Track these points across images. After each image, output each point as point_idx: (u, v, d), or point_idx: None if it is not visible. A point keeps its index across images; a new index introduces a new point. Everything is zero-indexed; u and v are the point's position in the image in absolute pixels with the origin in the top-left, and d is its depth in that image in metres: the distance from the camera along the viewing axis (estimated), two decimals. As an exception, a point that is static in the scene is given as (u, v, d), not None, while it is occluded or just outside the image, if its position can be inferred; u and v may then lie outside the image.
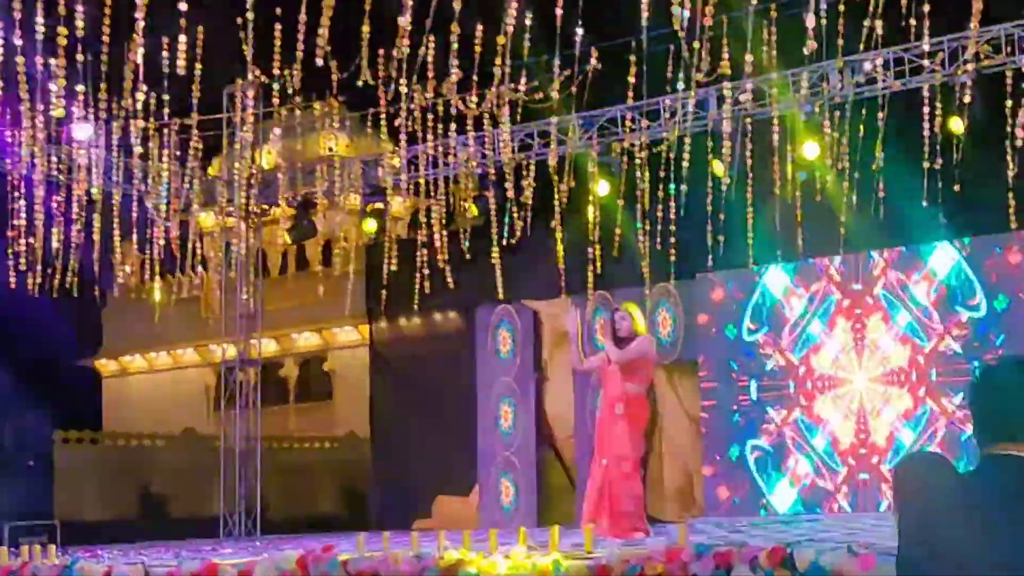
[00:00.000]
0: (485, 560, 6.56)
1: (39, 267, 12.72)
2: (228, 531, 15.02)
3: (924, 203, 11.11)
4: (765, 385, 13.21)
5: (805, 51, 9.81)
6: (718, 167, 11.94)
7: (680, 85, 11.28)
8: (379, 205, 14.93)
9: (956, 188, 10.95)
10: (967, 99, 10.99)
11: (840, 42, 10.47)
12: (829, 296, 13.05)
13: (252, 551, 9.35)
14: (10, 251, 12.61)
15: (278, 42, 10.26)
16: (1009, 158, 10.68)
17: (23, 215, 12.67)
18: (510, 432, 14.63)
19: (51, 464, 14.98)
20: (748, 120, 12.20)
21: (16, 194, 12.61)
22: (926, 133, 11.10)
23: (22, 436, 14.54)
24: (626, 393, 9.21)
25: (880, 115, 11.21)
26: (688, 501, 13.66)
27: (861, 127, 11.36)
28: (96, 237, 13.02)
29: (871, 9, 9.87)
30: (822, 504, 12.69)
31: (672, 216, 12.16)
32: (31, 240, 12.63)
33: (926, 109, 11.15)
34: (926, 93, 11.23)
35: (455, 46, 9.91)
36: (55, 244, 12.76)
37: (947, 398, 12.28)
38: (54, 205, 12.75)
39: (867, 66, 11.48)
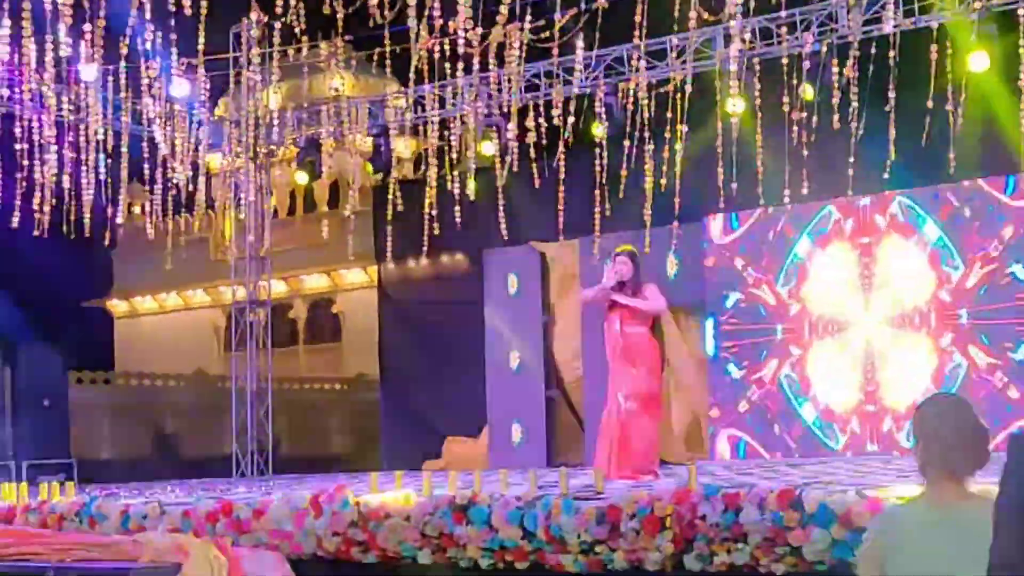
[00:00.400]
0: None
1: (49, 209, 12.74)
2: (240, 470, 15.18)
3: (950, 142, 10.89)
4: (759, 328, 13.11)
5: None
6: (734, 105, 11.86)
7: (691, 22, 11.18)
8: (382, 146, 14.87)
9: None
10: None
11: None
12: (825, 212, 12.69)
13: (265, 490, 9.48)
14: (19, 192, 12.62)
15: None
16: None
17: (33, 156, 12.67)
18: (519, 374, 14.72)
19: (66, 404, 15.11)
20: (756, 61, 12.12)
21: (25, 135, 12.60)
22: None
23: (36, 377, 14.65)
24: (624, 334, 9.27)
25: (891, 53, 11.10)
26: (696, 443, 13.77)
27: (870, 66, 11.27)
28: (105, 178, 13.04)
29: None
30: (834, 442, 12.62)
31: (678, 157, 12.12)
32: (41, 181, 12.64)
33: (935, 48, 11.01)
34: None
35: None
36: (65, 185, 12.78)
37: (983, 348, 11.71)
38: (64, 146, 12.74)
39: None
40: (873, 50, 11.02)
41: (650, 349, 9.46)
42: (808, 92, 11.51)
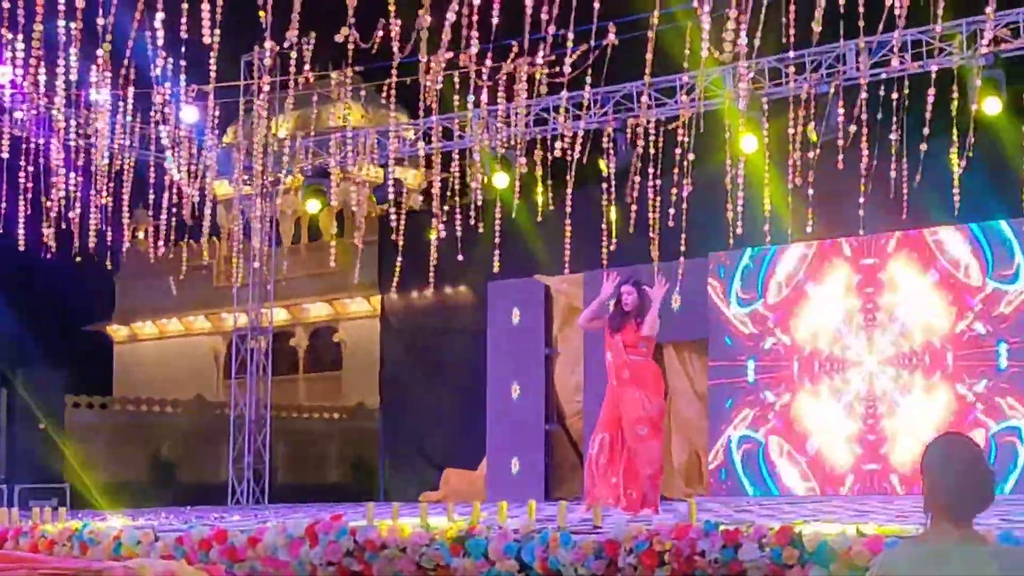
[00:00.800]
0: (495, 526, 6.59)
1: (54, 232, 12.74)
2: (236, 498, 15.11)
3: (954, 188, 10.96)
4: (763, 366, 13.15)
5: (816, 29, 9.73)
6: (747, 143, 11.87)
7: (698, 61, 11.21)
8: (391, 177, 14.89)
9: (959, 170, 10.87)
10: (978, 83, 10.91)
11: (861, 23, 10.37)
12: (837, 268, 12.88)
13: (260, 518, 9.40)
14: (25, 214, 12.63)
15: (296, 11, 10.22)
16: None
17: (39, 178, 12.70)
18: (519, 407, 14.66)
19: (62, 428, 15.05)
20: (765, 100, 12.15)
21: (33, 157, 12.63)
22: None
23: (33, 399, 14.60)
24: (630, 362, 9.26)
25: (895, 95, 11.12)
26: (695, 478, 13.70)
27: (879, 108, 11.30)
28: (110, 202, 13.06)
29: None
30: (830, 485, 12.63)
31: (685, 194, 12.12)
32: (48, 204, 12.65)
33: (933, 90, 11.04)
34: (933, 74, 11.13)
35: (474, 17, 9.86)
36: (70, 208, 12.79)
37: (966, 385, 12.07)
38: (72, 170, 12.76)
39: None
40: (881, 91, 11.06)
41: (655, 374, 9.47)
42: (812, 134, 11.55)
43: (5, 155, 12.37)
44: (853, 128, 11.14)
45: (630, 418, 9.18)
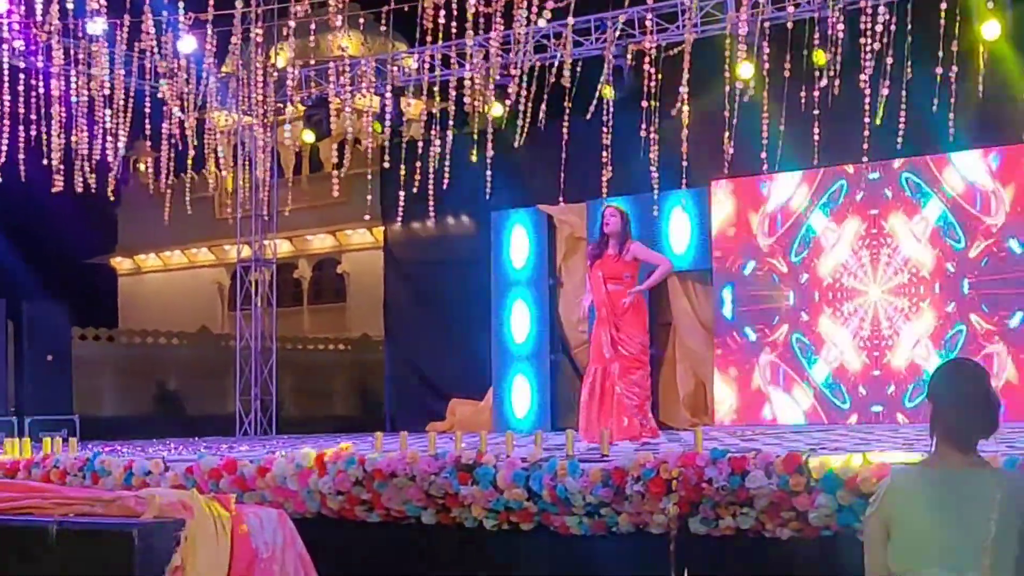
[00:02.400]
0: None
1: (56, 165, 12.69)
2: (243, 429, 15.21)
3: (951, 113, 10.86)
4: (781, 294, 13.16)
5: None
6: (744, 70, 11.75)
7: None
8: (390, 106, 14.78)
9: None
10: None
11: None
12: (838, 183, 12.72)
13: (269, 449, 9.47)
14: (26, 148, 12.56)
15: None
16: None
17: (38, 110, 12.61)
18: (524, 337, 14.70)
19: (69, 360, 15.11)
20: (766, 24, 12.00)
21: (32, 89, 12.53)
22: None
23: (40, 333, 14.64)
24: (608, 296, 9.23)
25: (893, 19, 10.96)
26: (700, 408, 13.78)
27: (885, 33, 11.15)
28: (111, 134, 12.98)
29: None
30: (837, 415, 12.67)
31: (686, 121, 12.03)
32: (48, 136, 12.58)
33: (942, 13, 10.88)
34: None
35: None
36: (71, 140, 12.73)
37: (982, 315, 11.94)
38: (70, 100, 12.67)
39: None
40: (888, 16, 10.90)
41: (637, 308, 9.43)
42: (820, 56, 11.41)
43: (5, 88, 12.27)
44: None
45: (614, 355, 9.21)
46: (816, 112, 11.16)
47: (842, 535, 5.58)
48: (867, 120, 10.71)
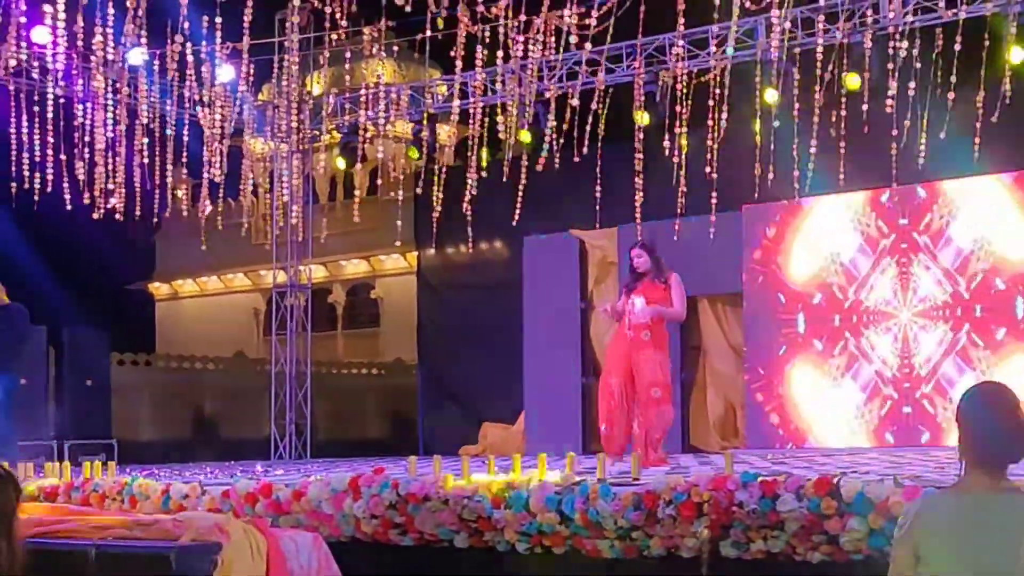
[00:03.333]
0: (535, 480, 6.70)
1: (97, 193, 12.89)
2: (278, 453, 15.33)
3: (976, 139, 10.89)
4: (811, 317, 13.18)
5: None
6: (769, 96, 11.81)
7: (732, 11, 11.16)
8: (425, 133, 14.94)
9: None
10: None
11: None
12: (875, 228, 12.89)
13: (304, 472, 9.57)
14: (66, 176, 12.77)
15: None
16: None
17: (78, 139, 12.82)
18: (556, 360, 14.75)
19: (108, 385, 15.29)
20: (796, 51, 12.06)
21: (74, 118, 12.75)
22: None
23: (80, 358, 14.84)
24: (650, 322, 9.29)
25: (913, 44, 10.99)
26: (730, 431, 13.77)
27: (916, 57, 11.19)
28: (149, 161, 13.19)
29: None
30: (869, 434, 12.67)
31: (717, 147, 12.08)
32: (90, 164, 12.78)
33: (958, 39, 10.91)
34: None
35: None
36: (110, 168, 12.93)
37: (989, 334, 12.12)
38: (111, 129, 12.88)
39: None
40: (918, 40, 10.95)
41: (667, 338, 9.56)
42: (852, 81, 11.46)
43: (48, 115, 12.50)
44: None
45: (646, 380, 9.25)
46: (845, 136, 11.20)
47: (873, 559, 5.58)
48: (894, 144, 10.76)
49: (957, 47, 10.60)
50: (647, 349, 9.30)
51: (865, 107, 11.18)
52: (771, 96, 11.73)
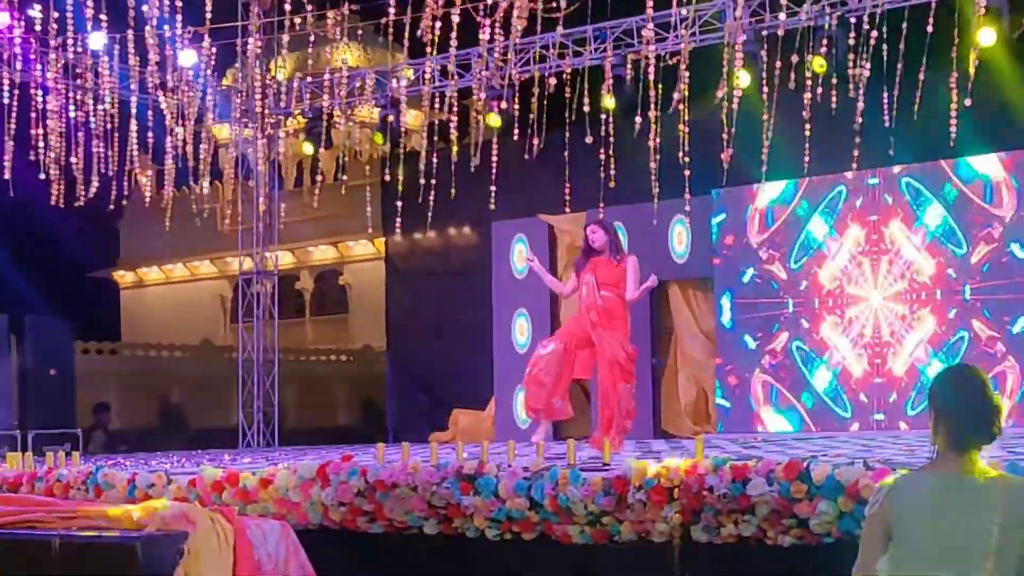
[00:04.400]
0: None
1: (58, 178, 12.73)
2: (247, 441, 15.22)
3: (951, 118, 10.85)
4: (770, 303, 13.13)
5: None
6: (742, 79, 11.78)
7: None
8: (391, 117, 14.83)
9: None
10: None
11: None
12: (837, 191, 12.73)
13: (271, 460, 9.49)
14: (27, 162, 12.60)
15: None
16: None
17: (40, 125, 12.66)
18: (526, 346, 14.72)
19: (72, 374, 15.12)
20: (763, 32, 12.03)
21: (34, 103, 12.57)
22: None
23: (43, 347, 14.67)
24: (600, 302, 9.07)
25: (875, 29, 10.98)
26: (702, 417, 13.78)
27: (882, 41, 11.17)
28: (110, 147, 13.04)
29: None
30: (841, 418, 12.65)
31: (687, 131, 12.05)
32: (50, 151, 12.62)
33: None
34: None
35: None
36: (72, 154, 12.77)
37: (984, 321, 11.91)
38: (72, 115, 12.72)
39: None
40: (885, 25, 10.94)
41: (626, 316, 9.26)
42: (817, 64, 11.43)
43: (5, 101, 12.31)
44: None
45: (607, 358, 9.01)
46: (810, 119, 11.18)
47: (844, 542, 5.58)
48: (856, 126, 10.75)
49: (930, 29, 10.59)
50: (602, 329, 9.05)
51: (834, 91, 11.15)
52: (744, 79, 11.69)
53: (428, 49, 11.60)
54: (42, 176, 12.55)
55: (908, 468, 3.78)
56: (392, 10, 11.27)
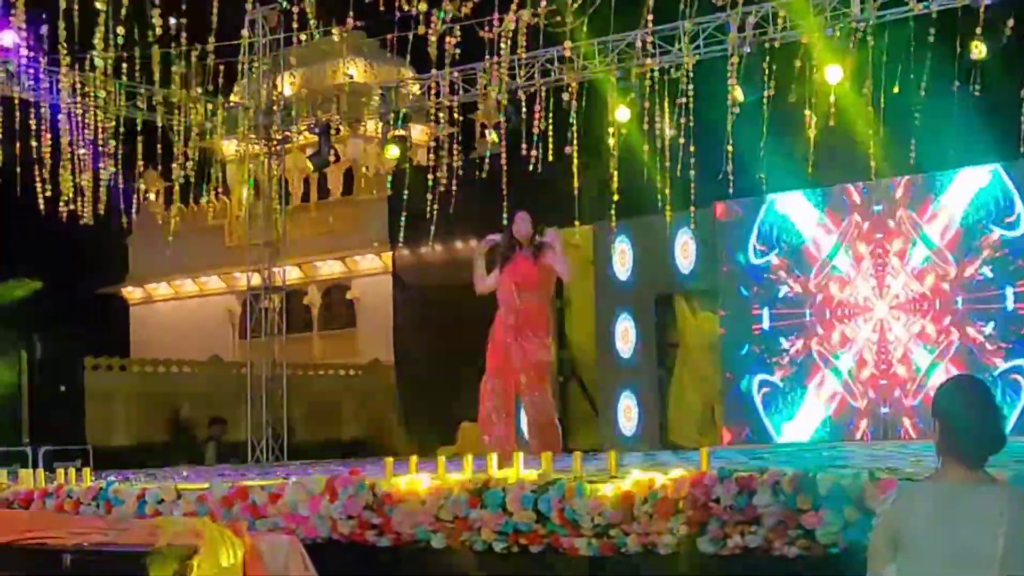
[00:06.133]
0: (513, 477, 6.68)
1: (66, 195, 12.80)
2: (255, 456, 15.26)
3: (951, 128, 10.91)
4: (778, 313, 13.19)
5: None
6: (739, 93, 11.84)
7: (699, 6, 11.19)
8: (400, 132, 14.91)
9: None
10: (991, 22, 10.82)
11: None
12: (850, 222, 12.91)
13: (280, 475, 9.52)
14: (38, 180, 12.66)
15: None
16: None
17: (50, 143, 12.73)
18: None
19: (82, 390, 15.17)
20: (767, 45, 12.08)
21: (42, 122, 12.65)
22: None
23: (52, 363, 14.72)
24: (519, 304, 8.65)
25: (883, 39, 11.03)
26: (708, 429, 13.79)
27: (883, 51, 11.22)
28: (120, 165, 13.13)
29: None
30: (845, 429, 12.70)
31: (691, 143, 12.10)
32: (59, 169, 12.69)
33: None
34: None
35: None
36: (79, 172, 12.84)
37: (974, 327, 12.13)
38: (79, 134, 12.80)
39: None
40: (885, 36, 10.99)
41: (547, 318, 8.82)
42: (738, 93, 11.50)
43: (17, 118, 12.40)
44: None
45: (524, 366, 8.62)
46: (817, 131, 11.23)
47: (850, 552, 5.59)
48: (871, 138, 10.80)
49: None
50: (516, 335, 8.63)
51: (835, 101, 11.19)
52: (746, 92, 11.74)
53: (433, 65, 11.66)
54: (49, 193, 12.62)
55: (914, 478, 3.80)
56: (397, 26, 11.34)
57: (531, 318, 8.60)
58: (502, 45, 12.08)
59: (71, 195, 12.75)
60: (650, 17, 11.51)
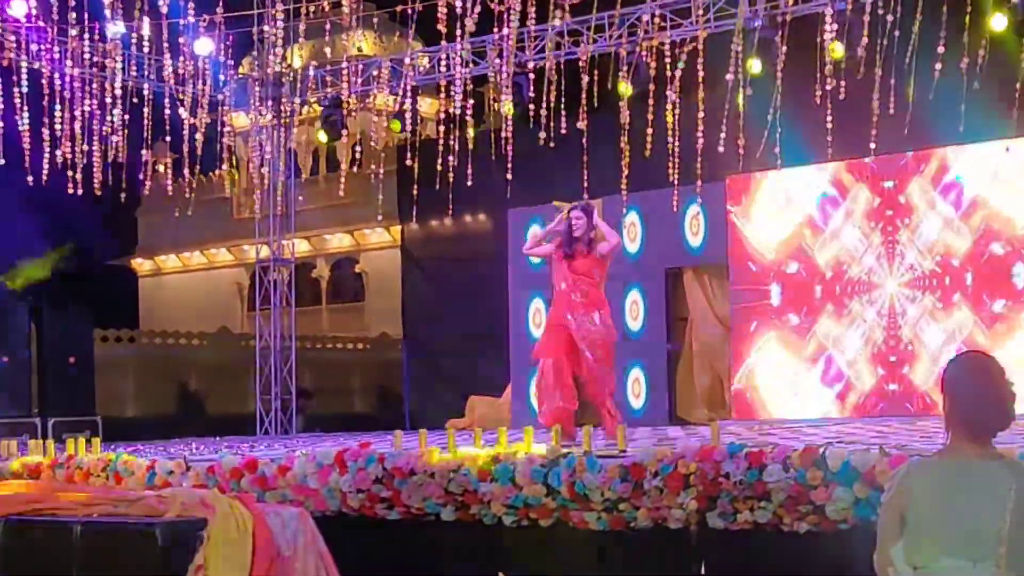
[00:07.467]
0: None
1: (75, 167, 12.77)
2: (264, 429, 15.30)
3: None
4: (787, 289, 13.13)
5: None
6: (752, 66, 11.76)
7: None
8: (407, 105, 14.84)
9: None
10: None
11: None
12: (860, 194, 12.81)
13: (289, 447, 9.54)
14: (45, 151, 12.64)
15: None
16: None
17: (58, 114, 12.69)
18: (541, 332, 14.71)
19: (91, 362, 15.21)
20: (779, 19, 11.98)
21: (51, 93, 12.61)
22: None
23: (62, 335, 14.75)
24: (581, 288, 9.18)
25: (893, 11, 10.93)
26: (718, 403, 13.78)
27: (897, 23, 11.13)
28: (128, 137, 13.10)
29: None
30: (854, 406, 12.66)
31: (702, 117, 12.03)
32: (67, 140, 12.66)
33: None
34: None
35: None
36: (89, 143, 12.82)
37: (984, 304, 12.05)
38: (88, 104, 12.76)
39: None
40: (900, 11, 10.89)
41: (605, 303, 9.36)
42: (836, 50, 11.38)
43: (24, 89, 12.36)
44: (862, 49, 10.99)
45: (589, 340, 9.11)
46: (828, 105, 11.16)
47: (859, 528, 5.59)
48: (876, 114, 10.71)
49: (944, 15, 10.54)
50: (580, 311, 9.14)
51: (857, 76, 11.09)
52: (755, 66, 11.66)
53: (443, 37, 11.58)
54: (59, 164, 12.60)
55: (923, 454, 3.79)
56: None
57: (593, 299, 9.22)
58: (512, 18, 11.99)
59: (80, 166, 12.73)
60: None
